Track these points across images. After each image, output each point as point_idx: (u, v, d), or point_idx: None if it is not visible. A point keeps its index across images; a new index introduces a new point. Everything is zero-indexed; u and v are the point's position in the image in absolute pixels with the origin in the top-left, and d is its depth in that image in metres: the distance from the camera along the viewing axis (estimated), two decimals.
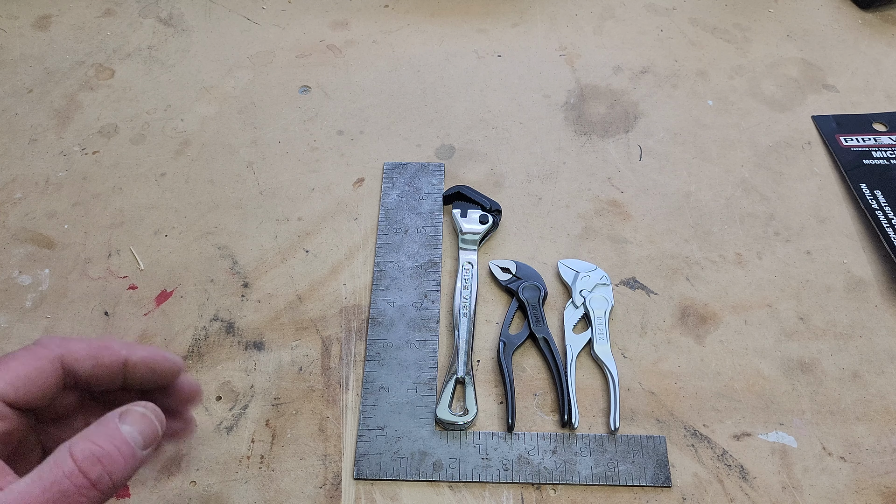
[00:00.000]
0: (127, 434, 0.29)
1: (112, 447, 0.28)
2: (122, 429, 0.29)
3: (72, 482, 0.27)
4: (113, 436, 0.28)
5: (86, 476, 0.27)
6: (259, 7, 0.70)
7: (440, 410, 0.45)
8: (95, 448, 0.28)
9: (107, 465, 0.27)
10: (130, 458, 0.28)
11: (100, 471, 0.27)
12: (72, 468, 0.27)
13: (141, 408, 0.30)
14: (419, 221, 0.54)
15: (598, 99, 0.63)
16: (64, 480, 0.26)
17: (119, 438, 0.28)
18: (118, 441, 0.28)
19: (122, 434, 0.29)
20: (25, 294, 0.51)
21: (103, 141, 0.60)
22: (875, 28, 0.69)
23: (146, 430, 0.30)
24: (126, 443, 0.29)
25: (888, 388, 0.47)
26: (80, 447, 0.27)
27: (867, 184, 0.56)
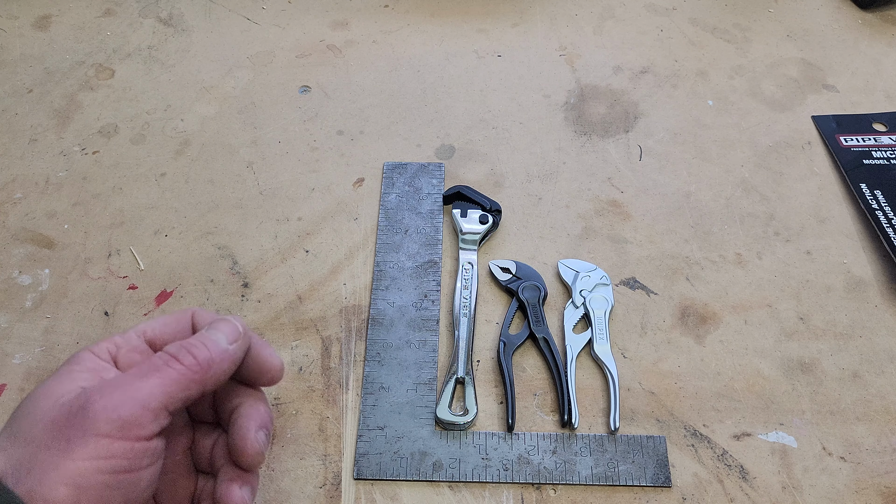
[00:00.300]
0: (208, 333, 0.34)
1: (196, 340, 0.33)
2: (206, 332, 0.34)
3: (159, 359, 0.32)
4: (198, 335, 0.34)
5: (171, 355, 0.32)
6: (259, 7, 0.70)
7: (440, 410, 0.45)
8: (182, 342, 0.33)
9: (189, 349, 0.32)
10: (213, 345, 0.33)
11: (183, 351, 0.32)
12: (161, 353, 0.32)
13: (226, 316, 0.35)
14: (419, 221, 0.54)
15: (598, 99, 0.63)
16: (154, 359, 0.32)
17: (202, 336, 0.33)
18: (201, 336, 0.33)
19: (205, 333, 0.34)
20: (25, 294, 0.51)
21: (103, 141, 0.60)
22: (875, 28, 0.69)
23: (227, 329, 0.34)
24: (207, 336, 0.33)
25: (888, 388, 0.47)
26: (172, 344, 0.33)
27: (867, 184, 0.56)
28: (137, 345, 0.34)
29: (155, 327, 0.35)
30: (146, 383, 0.30)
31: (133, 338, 0.34)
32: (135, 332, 0.35)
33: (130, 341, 0.34)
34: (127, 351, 0.34)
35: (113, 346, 0.34)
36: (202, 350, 0.32)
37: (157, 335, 0.35)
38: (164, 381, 0.31)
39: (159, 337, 0.35)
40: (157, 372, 0.31)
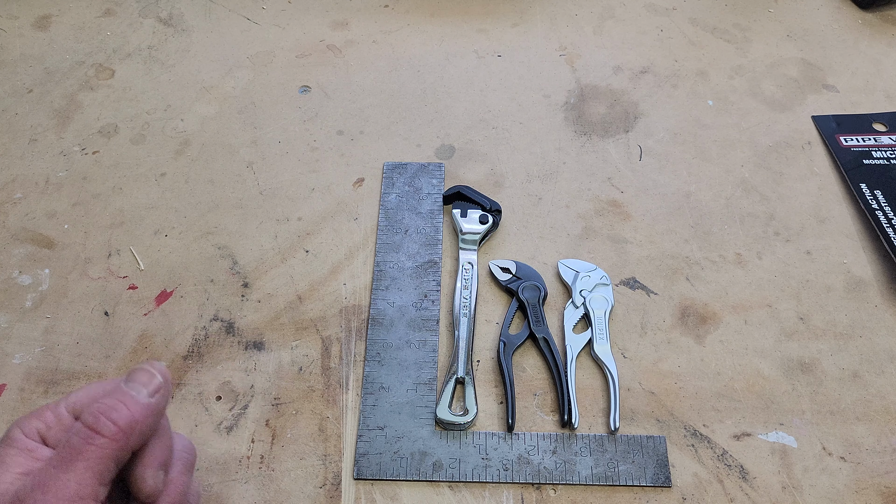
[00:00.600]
0: (126, 389, 0.32)
1: (113, 401, 0.31)
2: (123, 387, 0.32)
3: (77, 437, 0.30)
4: (115, 393, 0.32)
5: (89, 427, 0.30)
6: (259, 7, 0.70)
7: (440, 410, 0.45)
8: (97, 406, 0.31)
9: (108, 415, 0.31)
10: (134, 404, 0.32)
11: (101, 421, 0.31)
12: (77, 426, 0.31)
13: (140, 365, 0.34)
14: (419, 221, 0.54)
15: (598, 99, 0.63)
16: (70, 438, 0.30)
17: (119, 393, 0.32)
18: (119, 395, 0.32)
19: (123, 389, 0.32)
20: (25, 294, 0.51)
21: (103, 141, 0.60)
22: (875, 28, 0.69)
23: (146, 380, 0.33)
24: (126, 393, 0.32)
25: (888, 388, 0.47)
26: (86, 410, 0.31)
27: (867, 184, 0.56)
28: (67, 423, 0.33)
29: (81, 399, 0.34)
30: (73, 474, 0.30)
31: (62, 413, 0.33)
32: (63, 405, 0.34)
33: (60, 418, 0.33)
34: (57, 430, 0.33)
35: (42, 425, 0.33)
36: (122, 412, 0.31)
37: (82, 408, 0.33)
38: (90, 464, 0.30)
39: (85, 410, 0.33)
40: (79, 455, 0.30)
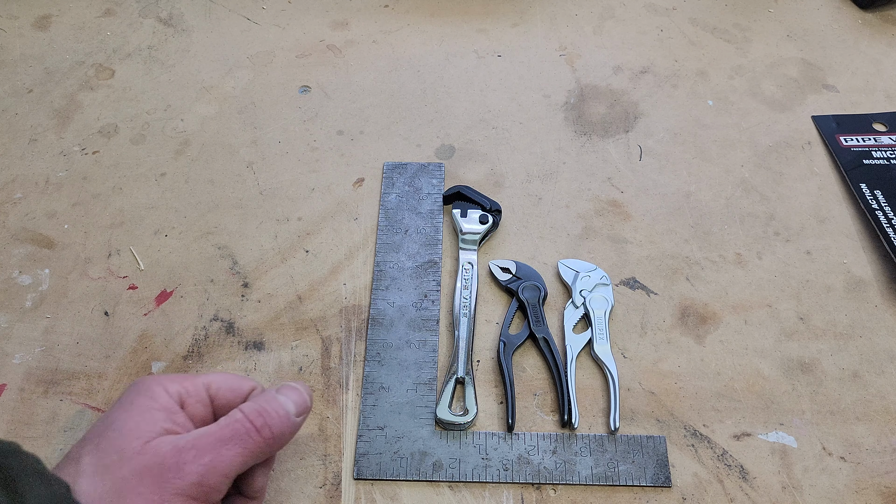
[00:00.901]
0: (282, 401, 0.36)
1: (271, 408, 0.35)
2: (279, 398, 0.36)
3: (241, 424, 0.34)
4: (271, 400, 0.36)
5: (251, 422, 0.34)
6: (259, 7, 0.70)
7: (440, 410, 0.45)
8: (259, 406, 0.35)
9: (267, 419, 0.34)
10: (286, 418, 0.35)
11: (262, 421, 0.34)
12: (241, 416, 0.34)
13: (292, 383, 0.37)
14: (419, 221, 0.54)
15: (598, 99, 0.63)
16: (236, 422, 0.34)
17: (276, 402, 0.36)
18: (275, 404, 0.35)
19: (279, 400, 0.36)
20: (25, 294, 0.51)
21: (103, 141, 0.60)
22: (875, 28, 0.69)
23: (298, 399, 0.37)
24: (282, 406, 0.36)
25: (888, 388, 0.47)
26: (248, 406, 0.35)
27: (867, 184, 0.56)
28: (203, 397, 0.36)
29: (219, 383, 0.37)
30: (230, 452, 0.33)
31: (200, 388, 0.36)
32: (202, 382, 0.37)
33: (198, 391, 0.36)
34: (194, 401, 0.36)
35: (183, 391, 0.36)
36: (277, 423, 0.35)
37: (218, 392, 0.37)
38: (243, 452, 0.33)
39: (219, 394, 0.37)
40: (240, 441, 0.33)
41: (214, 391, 0.37)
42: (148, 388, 0.35)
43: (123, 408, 0.34)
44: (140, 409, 0.34)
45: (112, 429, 0.33)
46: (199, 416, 0.36)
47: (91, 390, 0.46)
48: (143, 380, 0.36)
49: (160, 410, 0.34)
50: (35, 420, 0.45)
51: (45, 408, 0.46)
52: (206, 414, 0.36)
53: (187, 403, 0.35)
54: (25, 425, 0.45)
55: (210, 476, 0.32)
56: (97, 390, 0.46)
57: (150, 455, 0.32)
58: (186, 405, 0.35)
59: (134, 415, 0.33)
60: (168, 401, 0.34)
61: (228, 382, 0.37)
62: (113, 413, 0.34)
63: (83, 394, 0.46)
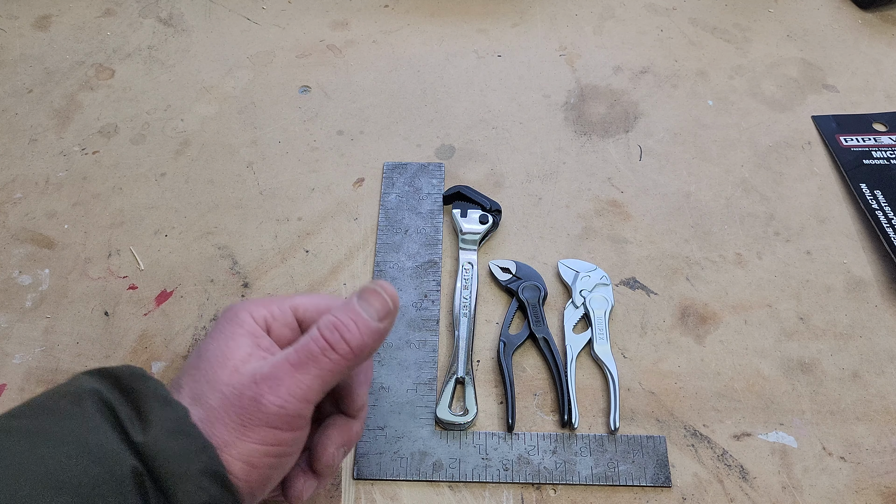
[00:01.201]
0: (361, 308, 0.34)
1: (347, 319, 0.34)
2: (357, 304, 0.34)
3: (315, 344, 0.33)
4: (349, 310, 0.34)
5: (326, 339, 0.33)
6: (259, 7, 0.70)
7: (440, 410, 0.45)
8: (333, 319, 0.34)
9: (342, 332, 0.33)
10: (365, 326, 0.34)
11: (337, 336, 0.33)
12: (315, 335, 0.33)
13: (373, 285, 0.36)
14: (419, 221, 0.54)
15: (598, 99, 0.63)
16: (309, 343, 0.33)
17: (354, 311, 0.34)
18: (353, 314, 0.34)
19: (356, 307, 0.34)
20: (25, 294, 0.51)
21: (103, 141, 0.60)
22: (875, 28, 0.69)
23: (377, 303, 0.35)
24: (359, 314, 0.34)
25: (888, 388, 0.47)
26: (323, 321, 0.34)
27: (867, 184, 0.56)
28: (289, 320, 0.36)
29: (306, 304, 0.37)
30: (306, 376, 0.32)
31: (287, 311, 0.36)
32: (289, 304, 0.37)
33: (284, 314, 0.36)
34: (280, 324, 0.36)
35: (270, 316, 0.36)
36: (355, 335, 0.33)
37: (305, 313, 0.37)
38: (321, 373, 0.33)
39: (306, 315, 0.37)
40: (314, 363, 0.33)
41: (301, 313, 0.37)
42: (235, 314, 0.35)
43: (213, 336, 0.35)
44: (226, 336, 0.34)
45: (203, 358, 0.34)
46: (286, 339, 0.36)
47: None
48: (232, 307, 0.36)
49: (245, 336, 0.34)
50: None
51: None
52: (293, 336, 0.36)
53: (273, 327, 0.36)
54: None
55: (289, 405, 0.32)
56: None
57: (233, 385, 0.32)
58: (272, 329, 0.36)
59: (221, 343, 0.34)
60: (253, 325, 0.35)
61: (314, 302, 0.37)
62: (205, 342, 0.35)
63: None
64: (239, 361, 0.33)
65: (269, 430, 0.32)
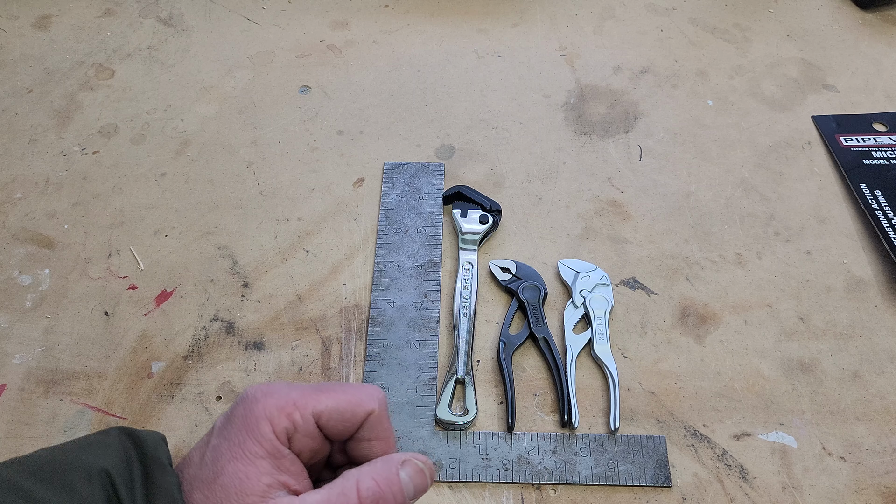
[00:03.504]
0: (404, 482, 0.33)
1: (389, 491, 0.32)
2: (402, 476, 0.33)
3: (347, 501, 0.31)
4: (392, 481, 0.32)
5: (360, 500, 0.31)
6: (259, 7, 0.70)
7: (440, 410, 0.45)
8: (377, 489, 0.32)
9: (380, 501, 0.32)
10: (401, 499, 0.32)
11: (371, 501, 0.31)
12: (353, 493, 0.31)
13: (419, 461, 0.34)
14: (419, 221, 0.54)
15: (598, 99, 0.63)
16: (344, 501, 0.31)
17: (397, 485, 0.32)
18: (395, 487, 0.32)
19: (401, 482, 0.33)
20: (25, 294, 0.51)
21: (103, 141, 0.60)
22: (875, 28, 0.69)
23: (419, 482, 0.33)
24: (401, 490, 0.33)
25: (888, 388, 0.47)
26: (366, 485, 0.32)
27: (867, 184, 0.56)
28: (311, 430, 0.34)
29: (330, 413, 0.34)
30: None
31: (310, 421, 0.34)
32: (312, 411, 0.34)
33: (307, 426, 0.34)
34: (302, 435, 0.34)
35: (291, 426, 0.34)
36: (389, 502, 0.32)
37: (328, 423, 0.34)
38: None
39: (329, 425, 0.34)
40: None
41: (325, 422, 0.34)
42: (256, 423, 0.33)
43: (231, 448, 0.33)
44: (245, 456, 0.32)
45: (218, 482, 0.32)
46: (308, 449, 0.34)
47: (91, 390, 0.46)
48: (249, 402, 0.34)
49: (265, 458, 0.32)
50: (35, 420, 0.45)
51: (45, 408, 0.46)
52: (315, 445, 0.35)
53: (294, 440, 0.34)
54: (25, 425, 0.45)
55: None
56: (97, 390, 0.46)
57: None
58: (293, 441, 0.34)
59: (240, 466, 0.32)
60: (273, 443, 0.33)
61: (340, 411, 0.34)
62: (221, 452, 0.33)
63: (83, 394, 0.46)
64: (258, 497, 0.31)
65: None
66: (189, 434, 0.45)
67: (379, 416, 0.35)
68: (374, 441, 0.35)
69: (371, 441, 0.35)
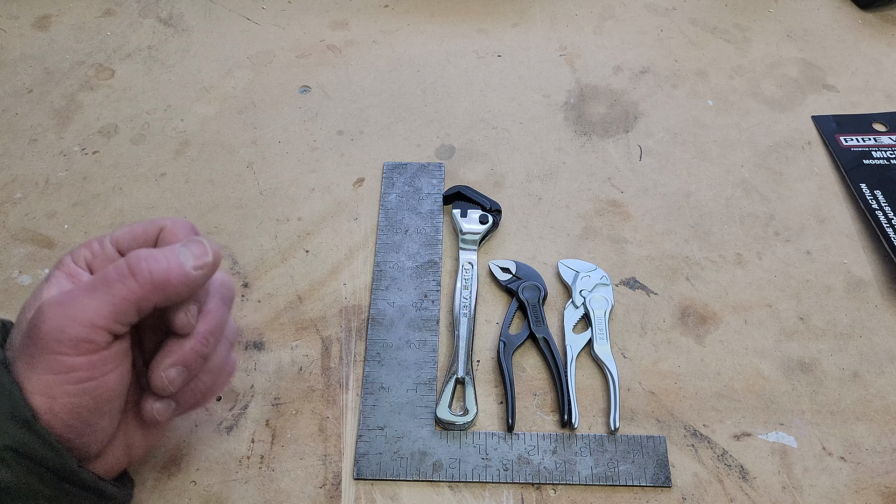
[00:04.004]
0: (178, 250, 0.33)
1: (160, 254, 0.32)
2: (176, 246, 0.33)
3: (115, 270, 0.31)
4: (165, 249, 0.33)
5: (129, 266, 0.31)
6: (259, 7, 0.70)
7: (440, 410, 0.45)
8: (145, 251, 0.32)
9: (150, 263, 0.31)
10: (176, 266, 0.32)
11: (143, 265, 0.31)
12: (121, 262, 0.32)
13: (202, 237, 0.35)
14: (419, 221, 0.54)
15: (598, 99, 0.63)
16: (109, 270, 0.31)
17: (169, 250, 0.33)
18: (167, 252, 0.33)
19: (175, 249, 0.33)
20: (25, 294, 0.50)
21: (103, 141, 0.60)
22: (875, 28, 0.69)
23: (197, 250, 0.33)
24: (175, 254, 0.33)
25: (888, 388, 0.47)
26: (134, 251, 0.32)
27: (867, 184, 0.56)
28: (111, 254, 0.35)
29: (125, 235, 0.36)
30: (93, 301, 0.31)
31: (107, 245, 0.35)
32: (109, 238, 0.36)
33: (105, 250, 0.35)
34: (102, 260, 0.35)
35: (89, 253, 0.35)
36: (161, 266, 0.32)
37: (126, 245, 0.35)
38: (112, 299, 0.31)
39: (125, 243, 0.35)
40: (107, 287, 0.31)
41: (123, 245, 0.35)
42: (61, 261, 0.35)
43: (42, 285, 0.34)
44: (48, 281, 0.34)
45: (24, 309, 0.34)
46: None
47: None
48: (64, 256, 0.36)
49: (63, 277, 0.34)
50: None
51: None
52: None
53: (94, 265, 0.35)
54: None
55: (69, 329, 0.30)
56: None
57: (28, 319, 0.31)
58: (94, 266, 0.35)
59: (41, 287, 0.34)
60: (72, 266, 0.34)
61: (134, 232, 0.35)
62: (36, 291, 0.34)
63: None
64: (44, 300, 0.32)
65: (54, 356, 0.30)
66: (189, 434, 0.45)
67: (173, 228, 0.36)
68: None
69: None
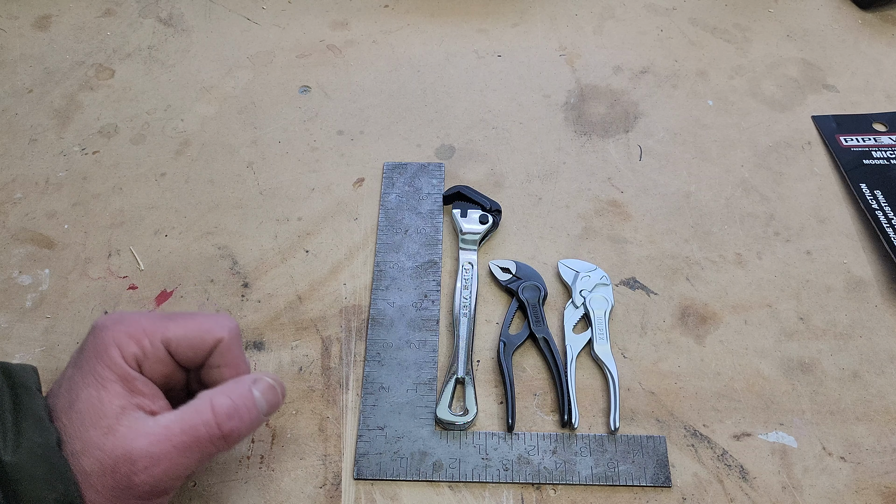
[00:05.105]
0: (256, 398, 0.34)
1: (244, 405, 0.33)
2: (254, 393, 0.34)
3: (206, 430, 0.32)
4: (245, 396, 0.34)
5: (220, 427, 0.33)
6: (259, 7, 0.70)
7: (440, 410, 0.45)
8: (231, 404, 0.33)
9: (238, 422, 0.33)
10: (256, 419, 0.34)
11: (232, 426, 0.33)
12: (209, 419, 0.32)
13: (270, 379, 0.36)
14: (419, 221, 0.54)
15: (598, 99, 0.63)
16: (200, 428, 0.32)
17: (250, 400, 0.34)
18: (249, 402, 0.34)
19: (254, 397, 0.34)
20: (25, 294, 0.51)
21: (103, 141, 0.60)
22: (875, 28, 0.69)
23: (271, 397, 0.35)
24: (255, 405, 0.34)
25: (888, 388, 0.47)
26: (220, 401, 0.33)
27: (867, 184, 0.56)
28: (161, 356, 0.35)
29: (179, 340, 0.35)
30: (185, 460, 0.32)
31: (159, 346, 0.35)
32: (161, 338, 0.35)
33: (157, 350, 0.35)
34: (153, 362, 0.34)
35: (140, 351, 0.34)
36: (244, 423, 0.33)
37: (178, 349, 0.35)
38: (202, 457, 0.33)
39: (179, 351, 0.35)
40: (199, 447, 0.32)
41: (175, 348, 0.35)
42: (105, 349, 0.34)
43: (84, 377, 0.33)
44: (97, 382, 0.33)
45: (74, 408, 0.33)
46: (160, 374, 0.35)
47: None
48: (98, 332, 0.34)
49: (116, 382, 0.33)
50: None
51: None
52: (166, 370, 0.35)
53: (145, 365, 0.34)
54: None
55: (163, 483, 0.32)
56: None
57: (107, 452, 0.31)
58: (144, 367, 0.34)
59: (92, 392, 0.33)
60: (124, 368, 0.33)
61: (189, 338, 0.35)
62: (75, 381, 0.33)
63: None
64: (113, 419, 0.32)
65: (140, 500, 0.32)
66: None
67: (229, 343, 0.36)
68: (224, 368, 0.36)
69: (222, 368, 0.36)
